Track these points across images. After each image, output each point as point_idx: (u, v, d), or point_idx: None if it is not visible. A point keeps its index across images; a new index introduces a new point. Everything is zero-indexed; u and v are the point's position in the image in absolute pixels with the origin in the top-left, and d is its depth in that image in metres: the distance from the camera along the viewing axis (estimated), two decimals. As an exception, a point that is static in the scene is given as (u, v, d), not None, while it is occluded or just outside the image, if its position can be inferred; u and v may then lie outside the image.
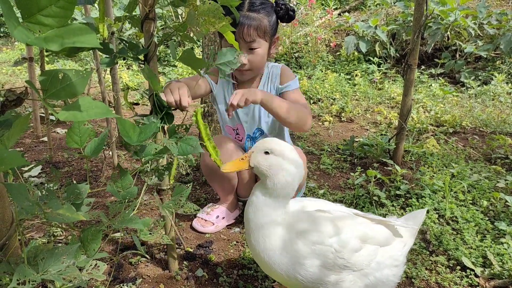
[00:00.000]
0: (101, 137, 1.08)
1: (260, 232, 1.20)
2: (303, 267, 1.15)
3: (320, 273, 1.15)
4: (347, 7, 7.38)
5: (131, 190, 1.11)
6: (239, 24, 1.65)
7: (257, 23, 1.67)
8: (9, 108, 0.76)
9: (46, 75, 0.68)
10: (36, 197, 0.90)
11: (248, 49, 1.71)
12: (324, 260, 1.15)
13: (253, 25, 1.66)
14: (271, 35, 1.76)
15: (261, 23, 1.69)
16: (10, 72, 5.53)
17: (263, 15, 1.70)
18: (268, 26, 1.72)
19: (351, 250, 1.16)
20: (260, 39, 1.71)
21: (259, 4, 1.72)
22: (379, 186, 2.29)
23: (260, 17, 1.69)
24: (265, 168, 1.21)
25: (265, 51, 1.76)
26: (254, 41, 1.70)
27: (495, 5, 5.82)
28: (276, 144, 1.23)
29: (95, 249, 1.03)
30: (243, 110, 1.90)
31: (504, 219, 1.87)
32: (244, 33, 1.67)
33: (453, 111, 3.57)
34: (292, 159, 1.21)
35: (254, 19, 1.67)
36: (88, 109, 0.66)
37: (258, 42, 1.71)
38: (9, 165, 0.62)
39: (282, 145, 1.22)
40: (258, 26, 1.68)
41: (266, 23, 1.71)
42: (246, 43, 1.69)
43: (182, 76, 4.86)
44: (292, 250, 1.16)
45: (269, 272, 1.25)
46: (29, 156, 2.74)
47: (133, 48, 1.23)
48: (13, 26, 0.64)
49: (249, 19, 1.66)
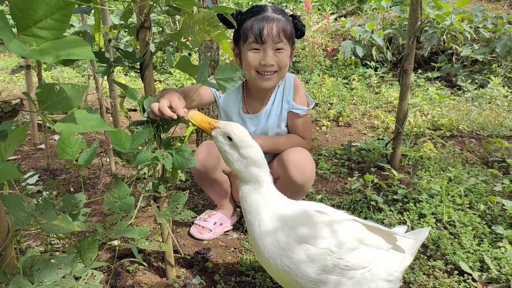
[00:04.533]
0: (92, 147, 1.09)
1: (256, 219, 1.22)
2: (301, 270, 1.15)
3: (319, 276, 1.15)
4: (343, 12, 7.42)
5: (127, 201, 1.11)
6: (265, 23, 1.63)
7: (283, 25, 1.66)
8: (5, 119, 0.76)
9: (42, 88, 0.69)
10: (32, 207, 0.90)
11: (275, 50, 1.67)
12: (323, 263, 1.15)
13: (280, 26, 1.64)
14: (292, 43, 1.74)
15: (287, 26, 1.67)
16: (7, 79, 5.53)
17: (286, 19, 1.69)
18: (291, 31, 1.71)
19: (348, 250, 1.17)
20: (285, 41, 1.68)
21: (281, 10, 1.72)
22: (376, 191, 2.29)
23: (284, 20, 1.68)
24: (219, 147, 1.24)
25: (288, 56, 1.72)
26: (282, 41, 1.66)
27: (491, 9, 5.86)
28: (239, 136, 1.21)
29: (92, 258, 1.03)
30: (252, 122, 1.87)
31: (501, 223, 1.88)
32: (274, 31, 1.63)
33: (450, 115, 3.58)
34: (246, 155, 1.20)
35: (280, 21, 1.65)
36: (83, 121, 0.66)
37: (285, 44, 1.68)
38: (5, 178, 0.62)
39: (243, 140, 1.21)
40: (284, 28, 1.66)
41: (290, 28, 1.69)
42: (274, 43, 1.65)
43: (180, 83, 4.87)
44: (290, 252, 1.17)
45: (270, 271, 1.25)
46: (27, 164, 2.74)
47: (129, 57, 1.24)
48: (8, 38, 0.65)
49: (276, 20, 1.65)
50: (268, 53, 1.65)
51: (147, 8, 1.19)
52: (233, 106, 1.87)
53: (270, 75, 1.69)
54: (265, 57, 1.65)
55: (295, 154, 1.75)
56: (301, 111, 1.83)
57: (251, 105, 1.87)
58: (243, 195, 1.25)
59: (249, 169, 1.21)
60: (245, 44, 1.68)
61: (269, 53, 1.65)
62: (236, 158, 1.21)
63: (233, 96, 1.86)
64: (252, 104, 1.87)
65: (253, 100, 1.86)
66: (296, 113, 1.83)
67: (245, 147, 1.20)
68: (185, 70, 1.35)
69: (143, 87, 1.31)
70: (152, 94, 1.30)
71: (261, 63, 1.66)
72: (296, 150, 1.77)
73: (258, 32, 1.62)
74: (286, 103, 1.83)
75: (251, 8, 1.73)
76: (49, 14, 0.67)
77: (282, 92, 1.83)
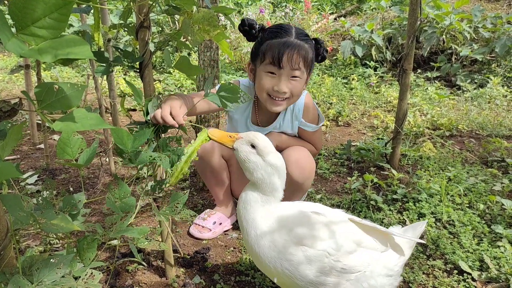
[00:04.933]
0: (92, 147, 1.09)
1: (252, 227, 1.23)
2: (300, 272, 1.15)
3: (317, 279, 1.15)
4: (343, 12, 7.43)
5: (128, 201, 1.11)
6: (287, 50, 1.57)
7: (305, 53, 1.61)
8: (3, 118, 0.76)
9: (41, 87, 0.69)
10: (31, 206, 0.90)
11: (290, 77, 1.63)
12: (321, 265, 1.15)
13: (302, 54, 1.60)
14: (309, 70, 1.69)
15: (308, 54, 1.63)
16: (7, 79, 5.53)
17: (308, 47, 1.64)
18: (311, 58, 1.66)
19: (346, 252, 1.17)
20: (303, 70, 1.64)
21: (305, 36, 1.66)
22: (376, 190, 2.29)
23: (307, 47, 1.63)
24: (244, 159, 1.25)
25: (302, 84, 1.68)
26: (299, 70, 1.62)
27: (490, 9, 5.86)
28: (263, 142, 1.25)
29: (91, 257, 1.03)
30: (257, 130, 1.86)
31: (500, 222, 1.88)
32: (294, 59, 1.58)
33: (449, 114, 3.58)
34: (271, 162, 1.24)
35: (302, 48, 1.60)
36: (82, 120, 0.66)
37: (302, 73, 1.63)
38: (4, 177, 0.62)
39: (266, 147, 1.25)
40: (305, 56, 1.61)
41: (311, 55, 1.65)
42: (292, 70, 1.61)
43: (179, 82, 4.86)
44: (289, 255, 1.17)
45: (269, 273, 1.26)
46: (26, 164, 2.73)
47: (128, 56, 1.24)
48: (7, 38, 0.65)
49: (299, 46, 1.59)
50: (283, 79, 1.62)
51: (147, 8, 1.19)
52: (241, 116, 1.86)
53: (281, 101, 1.67)
54: (279, 83, 1.62)
55: (295, 153, 1.75)
56: (310, 128, 1.86)
57: (261, 116, 1.87)
58: (245, 201, 1.25)
59: (272, 178, 1.23)
60: (262, 64, 1.64)
61: (284, 79, 1.62)
62: (261, 165, 1.23)
63: (243, 105, 1.81)
64: (262, 116, 1.87)
65: (263, 112, 1.85)
66: (307, 130, 1.87)
67: (269, 153, 1.24)
68: (184, 70, 1.35)
69: (143, 86, 1.31)
70: (152, 93, 1.30)
71: (274, 89, 1.63)
72: (297, 149, 1.78)
73: (277, 57, 1.58)
74: (296, 121, 1.84)
75: (275, 27, 1.67)
76: (48, 13, 0.67)
77: (292, 110, 1.83)
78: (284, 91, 1.63)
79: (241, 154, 1.26)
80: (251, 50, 1.74)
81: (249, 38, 1.70)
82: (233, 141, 1.28)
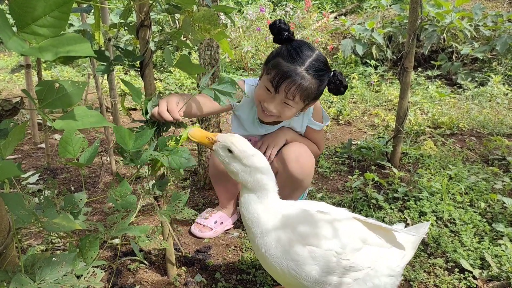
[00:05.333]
0: (93, 146, 1.09)
1: (257, 225, 1.22)
2: (305, 271, 1.15)
3: (323, 278, 1.15)
4: (343, 10, 7.42)
5: (129, 199, 1.11)
6: (288, 79, 1.54)
7: (306, 88, 1.57)
8: (5, 117, 0.76)
9: (42, 85, 0.69)
10: (33, 205, 0.90)
11: (282, 102, 1.61)
12: (328, 264, 1.15)
13: (302, 88, 1.56)
14: (311, 100, 1.66)
15: (311, 89, 1.59)
16: (7, 78, 5.53)
17: (316, 82, 1.60)
18: (314, 93, 1.62)
19: (353, 250, 1.17)
20: (298, 100, 1.60)
21: (318, 70, 1.60)
22: (377, 189, 2.29)
23: (313, 82, 1.58)
24: (222, 161, 1.26)
25: (297, 109, 1.67)
26: (293, 101, 1.59)
27: (491, 7, 5.85)
28: (240, 147, 1.22)
29: (93, 256, 1.03)
30: (265, 129, 1.86)
31: (501, 220, 1.88)
32: (291, 90, 1.56)
33: (450, 113, 3.58)
34: (249, 165, 1.22)
35: (305, 82, 1.56)
36: (83, 118, 0.66)
37: (295, 103, 1.61)
38: (5, 176, 0.62)
39: (244, 151, 1.22)
40: (306, 91, 1.58)
41: (314, 90, 1.61)
42: (286, 98, 1.59)
43: (179, 81, 4.86)
44: (295, 254, 1.17)
45: (273, 273, 1.26)
46: (27, 163, 2.74)
47: (129, 55, 1.24)
48: (7, 36, 0.65)
49: (302, 79, 1.55)
50: (275, 101, 1.61)
51: (147, 7, 1.19)
52: (248, 115, 1.85)
53: (269, 115, 1.67)
54: (270, 103, 1.61)
55: (295, 150, 1.75)
56: (317, 126, 1.88)
57: None
58: (244, 203, 1.26)
59: (256, 176, 1.22)
60: (265, 75, 1.63)
61: (276, 102, 1.61)
62: (240, 169, 1.23)
63: (252, 103, 1.81)
64: None
65: None
66: (313, 128, 1.88)
67: (247, 157, 1.22)
68: (185, 69, 1.35)
69: (143, 85, 1.31)
70: (152, 92, 1.30)
71: (264, 104, 1.63)
72: (297, 146, 1.78)
73: (276, 81, 1.56)
74: (306, 119, 1.86)
75: (296, 46, 1.60)
76: (48, 11, 0.67)
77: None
78: (271, 111, 1.63)
79: (219, 158, 1.26)
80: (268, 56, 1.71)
81: (274, 39, 1.67)
82: (212, 143, 1.27)
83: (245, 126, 1.87)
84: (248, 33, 5.82)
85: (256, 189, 1.23)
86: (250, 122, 1.86)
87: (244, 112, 1.85)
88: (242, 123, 1.87)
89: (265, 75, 1.63)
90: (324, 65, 1.63)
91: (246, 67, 5.47)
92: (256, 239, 1.23)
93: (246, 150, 1.22)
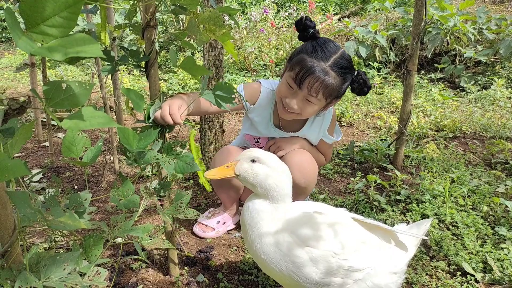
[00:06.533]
0: (97, 146, 1.10)
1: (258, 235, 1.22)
2: (305, 273, 1.16)
3: (323, 279, 1.16)
4: (346, 12, 7.42)
5: (132, 199, 1.11)
6: (312, 75, 1.53)
7: (330, 84, 1.55)
8: (12, 116, 0.77)
9: (49, 85, 0.70)
10: (39, 204, 0.91)
11: (305, 99, 1.59)
12: (326, 265, 1.15)
13: (326, 84, 1.54)
14: (333, 98, 1.64)
15: (334, 86, 1.57)
16: (12, 77, 5.56)
17: (340, 79, 1.58)
18: (337, 90, 1.61)
19: (351, 250, 1.17)
20: (321, 97, 1.59)
21: (342, 67, 1.58)
22: (379, 191, 2.29)
23: (336, 79, 1.57)
24: (251, 175, 1.25)
25: (320, 107, 1.66)
26: (316, 97, 1.58)
27: (494, 10, 5.85)
28: (261, 153, 1.27)
29: (97, 255, 1.04)
30: (279, 134, 1.86)
31: (504, 224, 1.87)
32: (314, 87, 1.54)
33: (453, 116, 3.58)
34: (276, 166, 1.26)
35: (329, 78, 1.55)
36: (90, 118, 0.67)
37: (318, 100, 1.59)
38: (13, 175, 0.63)
39: (266, 154, 1.27)
40: (329, 87, 1.56)
41: (337, 87, 1.59)
42: (309, 95, 1.57)
43: (183, 82, 4.87)
44: (293, 257, 1.17)
45: (274, 276, 1.26)
46: (31, 161, 2.75)
47: (134, 56, 1.24)
48: (17, 36, 0.65)
49: (326, 75, 1.54)
50: (297, 98, 1.60)
51: (153, 7, 1.19)
52: (262, 118, 1.83)
53: (290, 113, 1.66)
54: (292, 99, 1.60)
55: (298, 157, 1.75)
56: (330, 140, 1.90)
57: (284, 121, 1.84)
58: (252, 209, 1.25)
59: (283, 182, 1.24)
60: (288, 71, 1.62)
61: (298, 98, 1.60)
62: (270, 172, 1.24)
63: (268, 107, 1.79)
64: (285, 121, 1.83)
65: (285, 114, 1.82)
66: (326, 141, 1.90)
67: (271, 160, 1.26)
68: (190, 70, 1.35)
69: (148, 85, 1.32)
70: (157, 92, 1.31)
71: (286, 101, 1.62)
72: (300, 153, 1.78)
73: (300, 77, 1.54)
74: (321, 128, 1.85)
75: (322, 42, 1.60)
76: (58, 12, 0.67)
77: (322, 119, 1.83)
78: (293, 107, 1.62)
79: (246, 174, 1.26)
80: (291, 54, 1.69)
81: (299, 36, 1.67)
82: (233, 168, 1.28)
83: (258, 128, 1.86)
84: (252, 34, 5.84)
85: (277, 198, 1.24)
86: (263, 126, 1.85)
87: (258, 116, 1.83)
88: (255, 125, 1.86)
89: (287, 71, 1.63)
90: (348, 63, 1.61)
91: (249, 68, 5.48)
92: (254, 246, 1.23)
93: (269, 156, 1.27)
